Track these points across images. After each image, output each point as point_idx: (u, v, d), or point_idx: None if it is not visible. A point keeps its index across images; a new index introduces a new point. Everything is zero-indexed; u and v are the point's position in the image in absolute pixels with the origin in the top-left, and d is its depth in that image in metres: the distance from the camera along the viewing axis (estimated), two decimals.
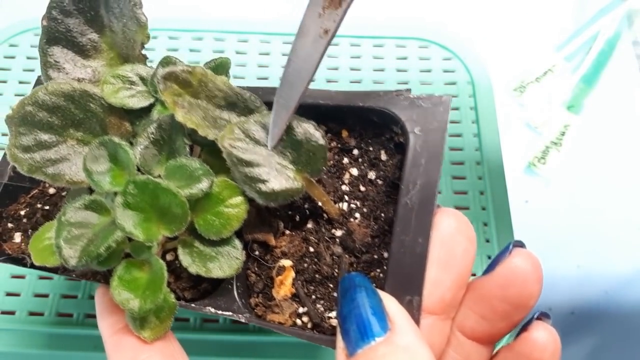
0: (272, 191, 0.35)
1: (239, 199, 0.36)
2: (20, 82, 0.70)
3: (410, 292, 0.33)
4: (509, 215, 0.61)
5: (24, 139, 0.35)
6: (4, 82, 0.70)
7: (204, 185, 0.34)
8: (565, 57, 0.74)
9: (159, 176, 0.37)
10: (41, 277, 0.58)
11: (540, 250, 0.64)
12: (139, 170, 0.36)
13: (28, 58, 0.71)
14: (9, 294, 0.57)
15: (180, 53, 0.72)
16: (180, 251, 0.36)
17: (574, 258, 0.64)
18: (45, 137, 0.36)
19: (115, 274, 0.34)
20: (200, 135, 0.35)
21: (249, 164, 0.35)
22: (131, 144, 0.37)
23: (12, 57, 0.72)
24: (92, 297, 0.57)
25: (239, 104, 0.38)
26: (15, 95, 0.69)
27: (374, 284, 0.35)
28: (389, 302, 0.31)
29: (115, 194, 0.35)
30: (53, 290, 0.57)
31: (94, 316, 0.56)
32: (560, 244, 0.65)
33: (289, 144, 0.36)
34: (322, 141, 0.36)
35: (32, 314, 0.56)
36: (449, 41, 0.73)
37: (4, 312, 0.56)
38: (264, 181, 0.35)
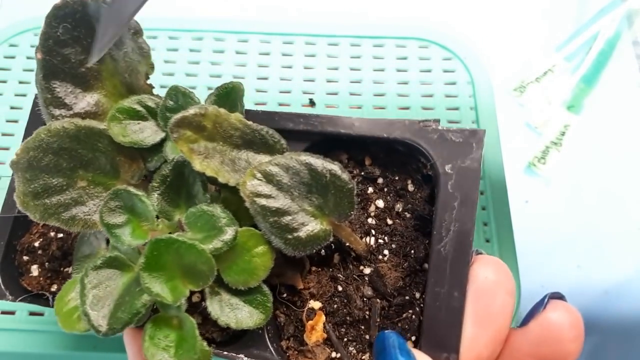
0: (300, 240, 0.33)
1: (264, 248, 0.34)
2: (20, 82, 0.69)
3: (446, 349, 0.31)
4: (509, 215, 0.61)
5: (32, 185, 0.33)
6: (4, 82, 0.69)
7: (228, 237, 0.33)
8: (565, 57, 0.74)
9: (179, 222, 0.35)
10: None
11: (540, 251, 0.64)
12: (157, 217, 0.35)
13: (28, 58, 0.71)
14: None
15: (180, 53, 0.71)
16: (208, 302, 0.35)
17: (574, 258, 0.64)
18: (54, 181, 0.34)
19: (146, 333, 0.33)
20: (220, 181, 0.33)
21: (275, 212, 0.33)
22: (146, 178, 0.35)
23: (12, 57, 0.71)
24: None
25: (256, 140, 0.36)
26: (15, 95, 0.69)
27: (407, 328, 0.35)
28: None
29: (138, 250, 0.33)
30: None
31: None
32: (560, 244, 0.65)
33: (314, 188, 0.34)
34: (350, 185, 0.34)
35: (32, 314, 0.56)
36: (449, 41, 0.72)
37: (4, 312, 0.56)
38: (292, 230, 0.33)
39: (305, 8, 0.78)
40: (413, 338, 0.36)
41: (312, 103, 0.68)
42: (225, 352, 0.36)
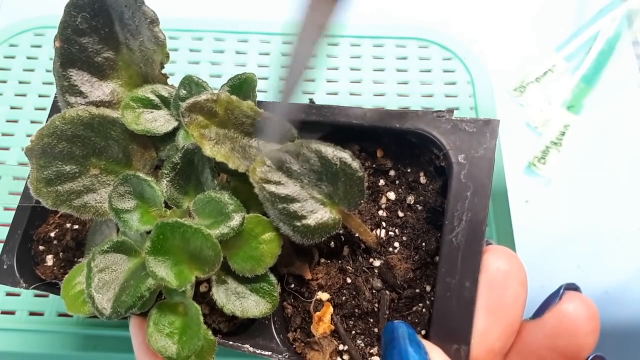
0: (308, 228, 0.33)
1: (271, 235, 0.34)
2: (20, 82, 0.69)
3: (457, 340, 0.31)
4: (509, 215, 0.61)
5: (46, 171, 0.33)
6: (4, 82, 0.69)
7: (235, 223, 0.33)
8: (565, 57, 0.74)
9: (187, 209, 0.35)
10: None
11: (540, 250, 0.64)
12: (166, 204, 0.35)
13: (28, 58, 0.71)
14: (9, 294, 0.57)
15: (180, 53, 0.71)
16: (214, 289, 0.35)
17: (574, 258, 0.64)
18: (67, 168, 0.34)
19: (150, 319, 0.33)
20: (230, 167, 0.33)
21: (284, 199, 0.33)
22: (158, 168, 0.35)
23: (12, 57, 0.71)
24: None
25: None
26: (15, 95, 0.69)
27: (417, 321, 0.34)
28: (435, 356, 0.29)
29: (148, 232, 0.33)
30: None
31: (94, 316, 0.56)
32: (560, 244, 0.65)
33: (324, 176, 0.33)
34: (360, 173, 0.33)
35: (32, 314, 0.56)
36: (449, 41, 0.72)
37: (4, 312, 0.56)
38: (300, 217, 0.33)
39: None
40: (423, 332, 0.35)
41: (312, 103, 0.68)
42: (231, 342, 0.36)
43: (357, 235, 0.38)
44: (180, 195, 0.36)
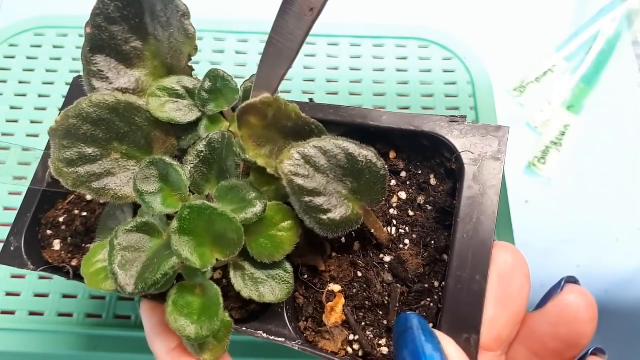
0: (334, 222, 0.34)
1: (290, 223, 0.35)
2: (20, 82, 0.69)
3: (467, 330, 0.32)
4: (509, 215, 0.61)
5: (68, 152, 0.34)
6: (4, 82, 0.69)
7: (258, 209, 0.34)
8: (565, 57, 0.74)
9: (209, 196, 0.36)
10: (41, 277, 0.58)
11: (540, 250, 0.64)
12: (188, 190, 0.36)
13: (28, 58, 0.71)
14: (9, 294, 0.57)
15: None
16: (232, 274, 0.36)
17: (574, 258, 0.64)
18: (89, 150, 0.35)
19: (170, 299, 0.33)
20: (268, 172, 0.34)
21: (310, 192, 0.33)
22: (177, 158, 0.36)
23: (12, 57, 0.71)
24: (92, 297, 0.57)
25: (303, 131, 0.37)
26: (15, 95, 0.69)
27: (425, 315, 0.36)
28: (447, 344, 0.30)
29: (167, 216, 0.34)
30: (53, 290, 0.57)
31: (94, 316, 0.56)
32: (560, 244, 0.65)
33: (349, 172, 0.35)
34: (383, 171, 0.35)
35: (32, 313, 0.56)
36: (449, 41, 0.72)
37: (4, 312, 0.56)
38: (325, 211, 0.34)
39: None
40: (431, 325, 0.36)
41: (312, 103, 0.68)
42: (244, 328, 0.37)
43: (368, 231, 0.39)
44: (202, 182, 0.37)
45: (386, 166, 0.35)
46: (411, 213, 0.40)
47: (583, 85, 0.72)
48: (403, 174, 0.42)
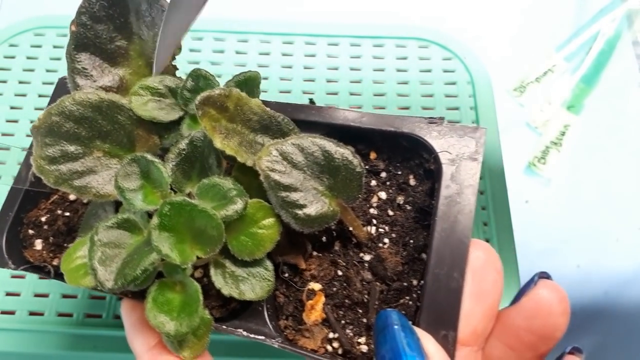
0: (309, 217, 0.35)
1: (271, 220, 0.35)
2: (20, 82, 0.70)
3: (445, 327, 0.33)
4: (509, 215, 0.61)
5: (50, 150, 0.34)
6: (4, 82, 0.70)
7: (238, 206, 0.34)
8: (565, 57, 0.74)
9: (190, 194, 0.36)
10: (41, 277, 0.58)
11: (540, 250, 0.65)
12: (170, 187, 0.36)
13: (28, 58, 0.71)
14: (9, 294, 0.57)
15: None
16: (212, 272, 0.36)
17: (574, 258, 0.64)
18: (71, 148, 0.35)
19: (149, 295, 0.34)
20: (238, 161, 0.35)
21: (287, 188, 0.34)
22: (159, 156, 0.36)
23: (12, 57, 0.71)
24: (92, 297, 0.57)
25: (272, 127, 0.37)
26: (15, 95, 0.69)
27: (404, 312, 0.36)
28: (427, 341, 0.31)
29: (148, 213, 0.34)
30: (53, 290, 0.57)
31: (94, 316, 0.56)
32: (560, 244, 0.65)
33: (326, 169, 0.35)
34: (359, 169, 0.36)
35: (32, 313, 0.56)
36: (449, 41, 0.73)
37: (4, 312, 0.56)
38: (301, 206, 0.34)
39: (305, 8, 0.78)
40: (409, 322, 0.36)
41: (312, 103, 0.68)
42: (224, 327, 0.37)
43: (348, 230, 0.39)
44: (184, 180, 0.37)
45: (362, 164, 0.36)
46: (391, 213, 0.41)
47: (583, 85, 0.72)
48: (383, 174, 0.42)
